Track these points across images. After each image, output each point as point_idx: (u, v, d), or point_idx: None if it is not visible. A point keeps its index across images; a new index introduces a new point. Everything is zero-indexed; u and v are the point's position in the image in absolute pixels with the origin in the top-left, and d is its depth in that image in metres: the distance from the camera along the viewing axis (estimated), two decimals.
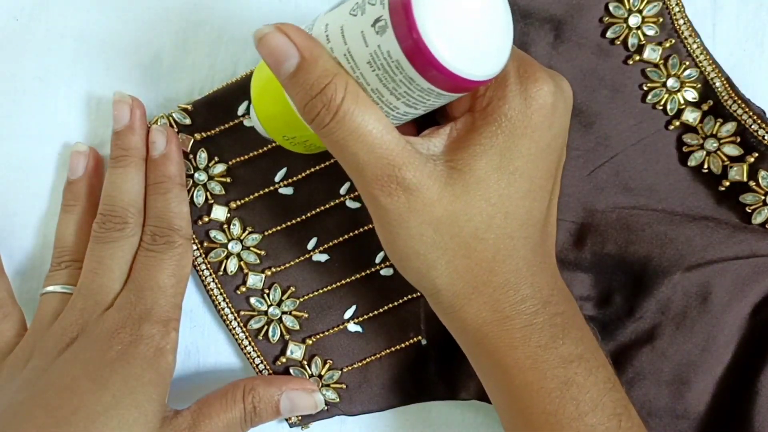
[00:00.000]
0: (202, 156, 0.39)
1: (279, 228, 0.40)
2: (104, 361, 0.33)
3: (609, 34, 0.39)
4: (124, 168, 0.37)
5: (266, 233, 0.40)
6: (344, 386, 0.39)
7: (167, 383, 0.35)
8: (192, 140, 0.39)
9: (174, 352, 0.36)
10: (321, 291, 0.40)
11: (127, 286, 0.36)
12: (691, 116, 0.39)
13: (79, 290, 0.36)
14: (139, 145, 0.38)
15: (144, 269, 0.36)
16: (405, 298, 0.39)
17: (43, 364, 0.34)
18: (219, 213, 0.39)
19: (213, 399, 0.36)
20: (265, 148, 0.39)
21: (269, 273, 0.39)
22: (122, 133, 0.38)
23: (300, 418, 0.40)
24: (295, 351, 0.39)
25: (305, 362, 0.39)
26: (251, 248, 0.39)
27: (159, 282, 0.36)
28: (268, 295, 0.39)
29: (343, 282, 0.40)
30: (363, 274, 0.40)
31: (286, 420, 0.40)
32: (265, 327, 0.39)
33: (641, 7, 0.39)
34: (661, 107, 0.39)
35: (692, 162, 0.39)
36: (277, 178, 0.39)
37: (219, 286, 0.39)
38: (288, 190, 0.40)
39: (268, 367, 0.40)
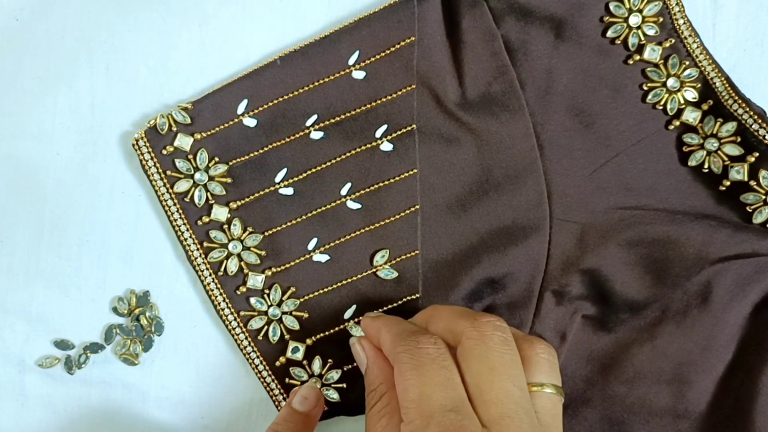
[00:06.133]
0: (202, 156, 0.39)
1: (279, 228, 0.40)
2: None
3: (609, 33, 0.39)
4: None
5: (266, 233, 0.39)
6: (344, 386, 0.39)
7: None
8: None
9: None
10: (321, 291, 0.40)
11: None
12: (691, 116, 0.39)
13: None
14: None
15: None
16: (404, 299, 0.39)
17: None
18: (219, 213, 0.39)
19: None
20: (265, 148, 0.39)
21: (269, 273, 0.39)
22: None
23: None
24: (296, 351, 0.39)
25: (306, 362, 0.39)
26: (252, 248, 0.39)
27: None
28: (268, 295, 0.39)
29: (343, 282, 0.40)
30: (363, 274, 0.40)
31: None
32: (265, 327, 0.39)
33: (641, 7, 0.39)
34: (661, 107, 0.39)
35: (692, 162, 0.39)
36: (277, 179, 0.39)
37: (219, 286, 0.39)
38: (288, 191, 0.39)
39: (267, 368, 0.39)
